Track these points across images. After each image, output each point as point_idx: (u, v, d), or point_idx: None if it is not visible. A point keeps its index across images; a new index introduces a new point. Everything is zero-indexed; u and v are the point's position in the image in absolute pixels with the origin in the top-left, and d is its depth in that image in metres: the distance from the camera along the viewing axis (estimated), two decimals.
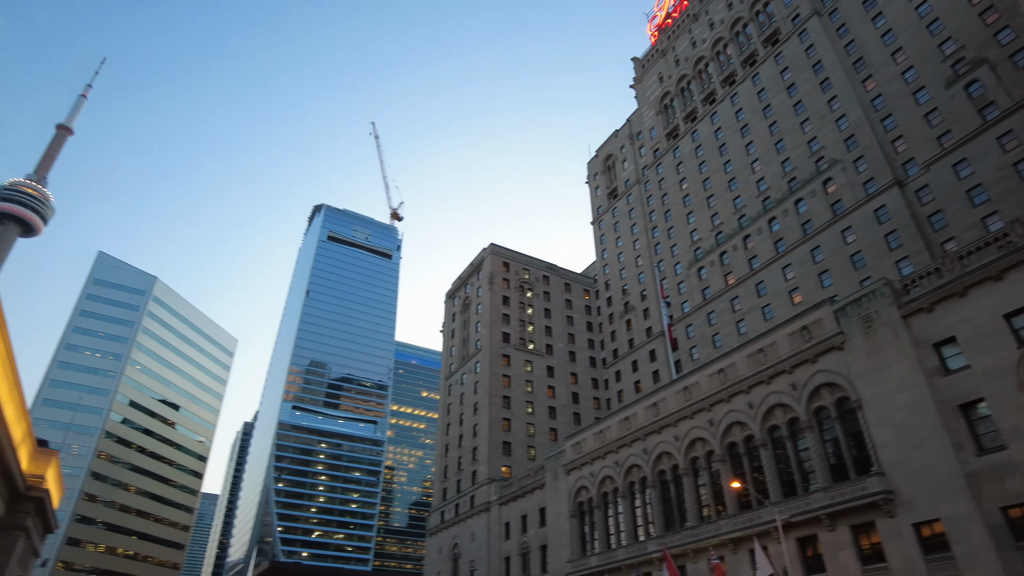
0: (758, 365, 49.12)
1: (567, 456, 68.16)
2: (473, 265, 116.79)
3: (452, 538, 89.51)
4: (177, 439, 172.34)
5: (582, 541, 63.33)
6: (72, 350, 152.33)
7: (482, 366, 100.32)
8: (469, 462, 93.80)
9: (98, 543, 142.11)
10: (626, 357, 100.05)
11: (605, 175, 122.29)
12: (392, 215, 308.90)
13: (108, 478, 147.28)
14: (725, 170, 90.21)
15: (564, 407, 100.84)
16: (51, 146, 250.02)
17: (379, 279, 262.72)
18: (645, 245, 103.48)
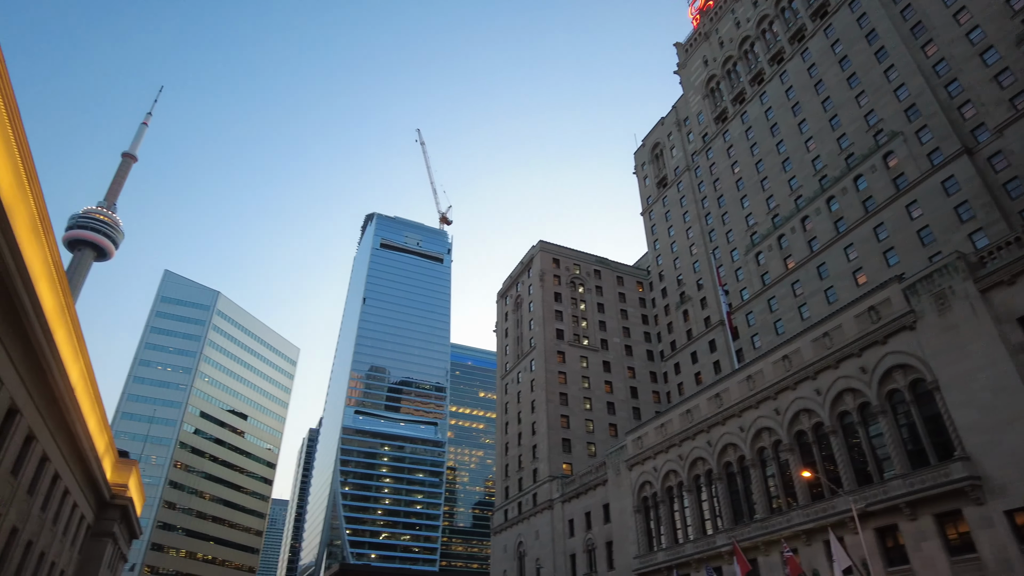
0: (824, 350, 47.13)
1: (629, 451, 67.14)
2: (523, 263, 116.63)
3: (516, 536, 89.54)
4: (246, 447, 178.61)
5: (648, 536, 62.23)
6: (146, 365, 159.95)
7: (537, 364, 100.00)
8: (529, 460, 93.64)
9: (179, 548, 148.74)
10: (684, 349, 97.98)
11: (653, 164, 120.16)
12: (441, 219, 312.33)
13: (185, 486, 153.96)
14: (778, 151, 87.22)
15: (623, 402, 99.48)
16: (118, 173, 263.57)
17: (432, 283, 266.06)
18: (699, 233, 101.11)
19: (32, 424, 32.22)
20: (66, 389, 34.01)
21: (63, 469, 39.51)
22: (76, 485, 44.26)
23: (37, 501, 35.55)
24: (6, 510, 31.11)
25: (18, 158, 23.55)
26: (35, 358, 29.72)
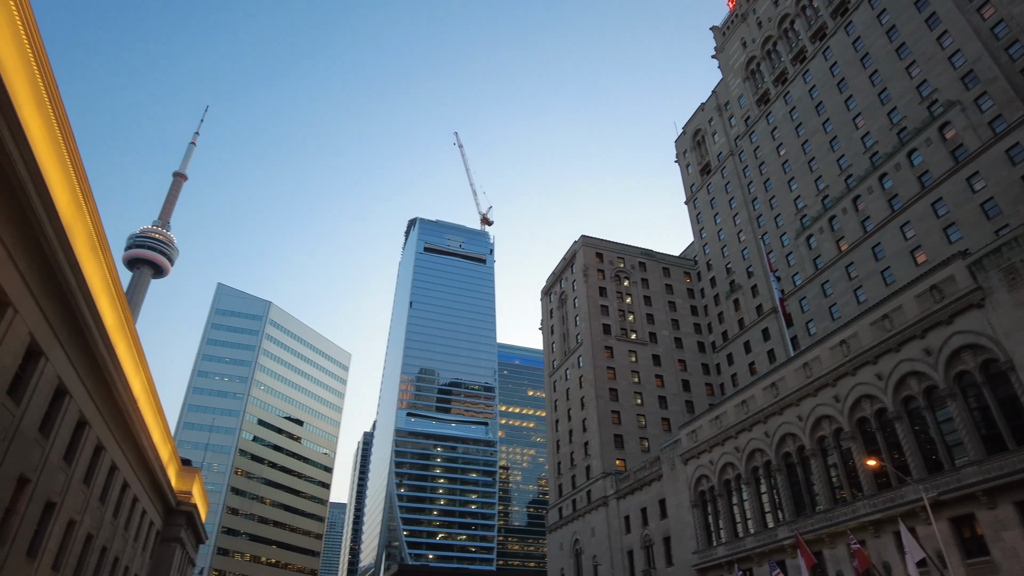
0: (884, 332, 45.11)
1: (683, 445, 65.86)
2: (565, 259, 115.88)
3: (572, 534, 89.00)
4: (304, 452, 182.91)
5: (707, 531, 60.89)
6: (204, 376, 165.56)
7: (584, 360, 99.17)
8: (581, 457, 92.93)
9: (243, 552, 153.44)
10: (737, 339, 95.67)
11: (695, 151, 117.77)
12: (482, 220, 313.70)
13: (246, 492, 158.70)
14: (825, 130, 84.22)
15: (675, 396, 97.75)
16: (170, 192, 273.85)
17: (476, 284, 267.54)
18: (746, 219, 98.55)
19: (100, 435, 33.52)
20: (129, 401, 35.27)
21: (131, 477, 41.04)
22: (144, 493, 45.94)
23: (109, 508, 37.00)
24: (81, 517, 32.47)
25: (74, 180, 24.42)
26: (99, 372, 30.90)
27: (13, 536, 25.10)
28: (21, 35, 19.52)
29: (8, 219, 20.30)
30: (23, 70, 19.78)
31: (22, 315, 22.56)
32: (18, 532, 25.46)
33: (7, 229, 20.47)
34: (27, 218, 21.08)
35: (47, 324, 24.68)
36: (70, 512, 30.86)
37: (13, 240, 20.98)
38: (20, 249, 21.51)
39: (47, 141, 21.66)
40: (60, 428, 27.61)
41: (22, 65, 19.69)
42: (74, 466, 30.13)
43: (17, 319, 22.28)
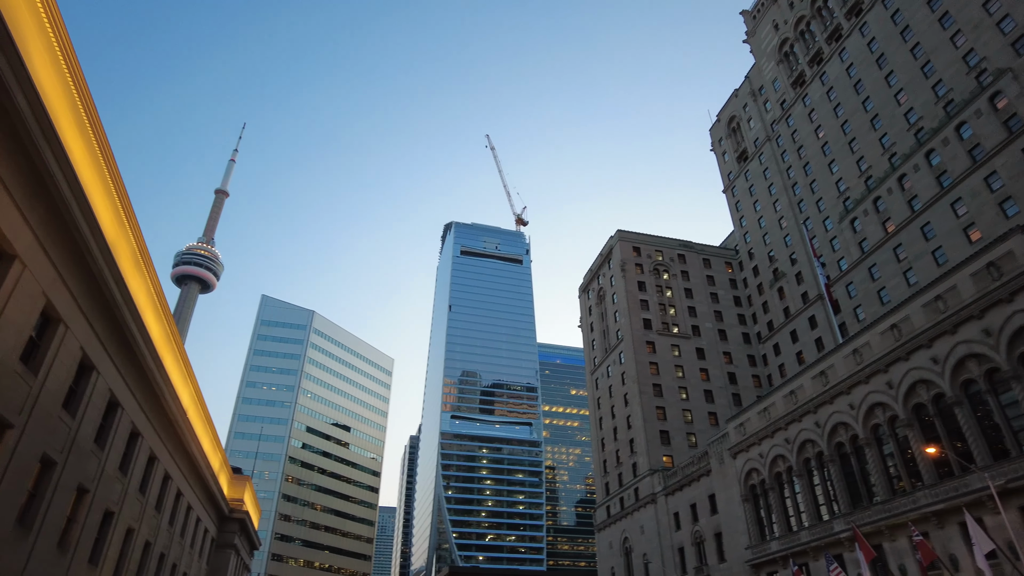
0: (937, 314, 43.23)
1: (731, 439, 64.45)
2: (602, 255, 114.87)
3: (621, 532, 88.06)
4: (352, 458, 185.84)
5: (759, 526, 59.41)
6: (252, 386, 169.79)
7: (626, 356, 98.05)
8: (627, 455, 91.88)
9: (297, 558, 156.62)
10: (783, 328, 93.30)
11: (731, 139, 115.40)
12: (517, 221, 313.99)
13: (297, 499, 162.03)
14: (865, 109, 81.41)
15: (721, 389, 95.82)
16: (213, 209, 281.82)
17: (513, 285, 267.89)
18: (787, 205, 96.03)
19: (153, 446, 34.52)
20: (179, 412, 36.24)
21: (184, 486, 42.19)
22: (197, 501, 47.20)
23: (164, 516, 38.08)
24: (138, 525, 33.49)
25: (116, 199, 25.15)
26: (149, 384, 31.82)
27: (75, 544, 26.00)
28: (60, 61, 20.16)
29: (56, 240, 21.01)
30: (64, 96, 20.44)
31: (73, 331, 23.33)
32: (80, 540, 26.35)
33: (55, 249, 21.19)
34: (73, 237, 21.78)
35: (97, 339, 25.49)
36: (128, 520, 31.85)
37: (62, 259, 21.71)
38: (68, 268, 22.25)
39: (89, 163, 22.35)
40: (114, 440, 28.49)
41: (63, 91, 20.34)
42: (129, 476, 31.07)
43: (68, 335, 23.05)
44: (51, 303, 21.44)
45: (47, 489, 23.04)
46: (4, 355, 19.06)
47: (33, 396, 21.06)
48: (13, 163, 18.20)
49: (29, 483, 21.95)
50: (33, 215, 19.57)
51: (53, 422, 22.62)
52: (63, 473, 23.84)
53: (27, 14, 18.07)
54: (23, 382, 20.45)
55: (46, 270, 20.90)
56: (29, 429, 21.05)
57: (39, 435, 21.75)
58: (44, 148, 18.63)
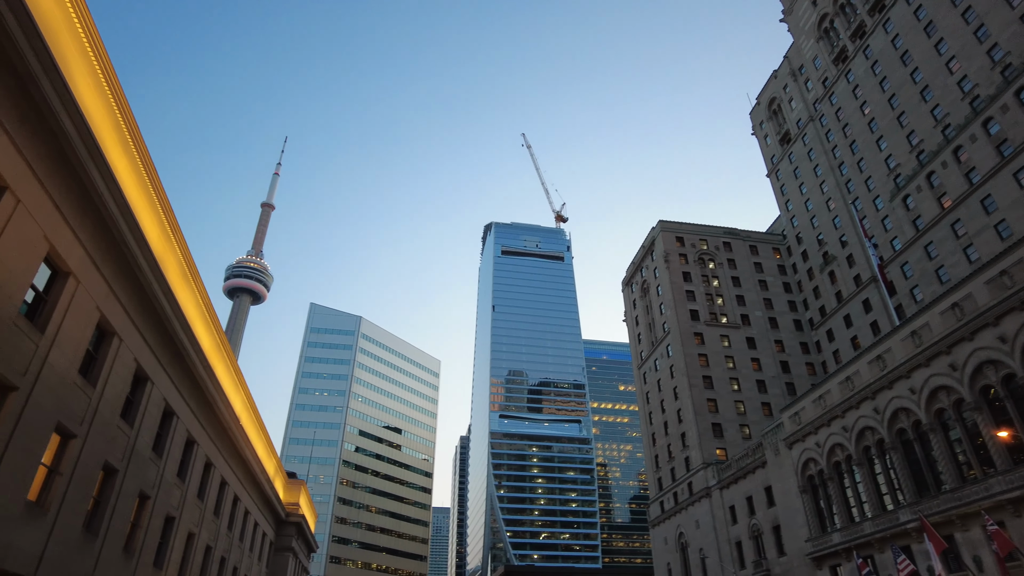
0: (1003, 291, 40.97)
1: (786, 429, 62.65)
2: (644, 247, 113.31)
3: (676, 527, 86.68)
4: (404, 460, 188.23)
5: (819, 517, 57.53)
6: (305, 392, 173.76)
7: (674, 348, 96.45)
8: (679, 449, 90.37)
9: (355, 560, 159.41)
10: (836, 313, 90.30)
11: (772, 121, 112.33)
12: (557, 218, 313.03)
13: (353, 501, 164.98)
14: (914, 80, 78.00)
15: (773, 379, 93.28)
16: (260, 222, 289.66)
17: (556, 282, 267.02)
18: (834, 186, 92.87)
19: (208, 453, 35.55)
20: (232, 419, 37.22)
21: (240, 491, 43.34)
22: (254, 506, 48.45)
23: (223, 521, 39.19)
24: (198, 530, 34.53)
25: (161, 214, 25.95)
26: (201, 393, 32.76)
27: (140, 549, 26.93)
28: (103, 84, 20.87)
29: (106, 255, 21.77)
30: (107, 117, 21.17)
31: (127, 344, 24.16)
32: (144, 545, 27.29)
33: (106, 265, 21.97)
34: (122, 252, 22.55)
35: (150, 351, 26.34)
36: (188, 525, 32.86)
37: (113, 274, 22.49)
38: (119, 283, 23.04)
39: (134, 181, 23.10)
40: (171, 447, 29.42)
41: (106, 113, 21.07)
42: (187, 482, 32.05)
43: (123, 347, 23.88)
44: (105, 317, 22.23)
45: (111, 496, 23.92)
46: (64, 368, 19.84)
47: (93, 407, 21.88)
48: (63, 183, 18.92)
49: (94, 490, 22.81)
50: (84, 232, 20.31)
51: (113, 431, 23.47)
52: (125, 480, 24.71)
53: (69, 39, 18.75)
54: (83, 394, 21.26)
55: (99, 285, 21.67)
56: (91, 438, 21.88)
57: (100, 444, 22.59)
58: (91, 168, 19.31)
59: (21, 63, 15.99)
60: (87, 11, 19.54)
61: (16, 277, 17.09)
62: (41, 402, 18.73)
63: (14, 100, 16.39)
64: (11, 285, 16.92)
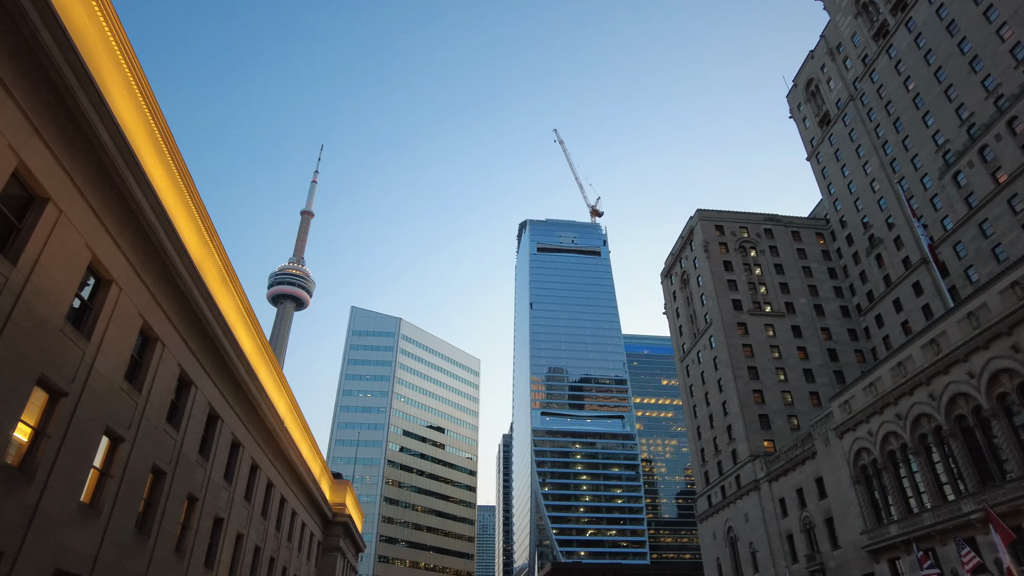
0: None
1: (835, 418, 60.72)
2: (683, 237, 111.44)
3: (725, 522, 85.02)
4: (448, 459, 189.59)
5: (874, 508, 55.54)
6: (349, 395, 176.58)
7: (717, 340, 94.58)
8: (725, 442, 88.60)
9: (403, 559, 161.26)
10: (884, 297, 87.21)
11: (810, 103, 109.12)
12: (592, 212, 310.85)
13: (399, 501, 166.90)
14: (961, 51, 74.62)
15: (821, 367, 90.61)
16: (301, 229, 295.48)
17: (593, 277, 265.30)
18: (878, 166, 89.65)
19: (254, 455, 36.19)
20: (276, 421, 37.82)
21: (287, 492, 44.07)
22: (301, 506, 49.24)
23: (270, 522, 39.88)
24: (247, 531, 35.20)
25: (199, 221, 26.43)
26: (245, 397, 33.34)
27: (191, 549, 27.54)
28: (137, 96, 21.32)
29: (146, 263, 22.25)
30: (143, 128, 21.63)
31: (170, 349, 24.69)
32: (194, 545, 27.90)
33: (147, 272, 22.45)
34: (162, 260, 23.01)
35: (193, 356, 26.88)
36: (237, 527, 33.51)
37: (153, 281, 22.98)
38: (160, 289, 23.53)
39: (171, 189, 23.57)
40: (217, 450, 30.01)
41: (142, 124, 21.53)
42: (234, 484, 32.67)
43: (166, 353, 24.40)
44: (147, 323, 22.73)
45: (160, 498, 24.48)
46: (110, 374, 20.33)
47: (139, 411, 22.40)
48: (102, 193, 19.36)
49: (144, 492, 23.37)
50: (124, 241, 20.77)
51: (159, 435, 24.00)
52: (173, 482, 25.27)
53: (103, 52, 19.17)
54: (129, 399, 21.77)
55: (140, 292, 22.16)
56: (139, 442, 22.41)
57: (148, 447, 23.12)
58: (128, 177, 19.71)
59: (57, 76, 16.36)
60: (120, 24, 19.94)
61: (61, 286, 17.54)
62: (90, 407, 19.23)
63: (52, 113, 16.80)
64: (56, 294, 17.37)
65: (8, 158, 15.45)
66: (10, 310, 15.57)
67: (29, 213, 16.65)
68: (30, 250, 16.27)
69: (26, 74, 15.76)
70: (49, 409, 17.76)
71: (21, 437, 16.81)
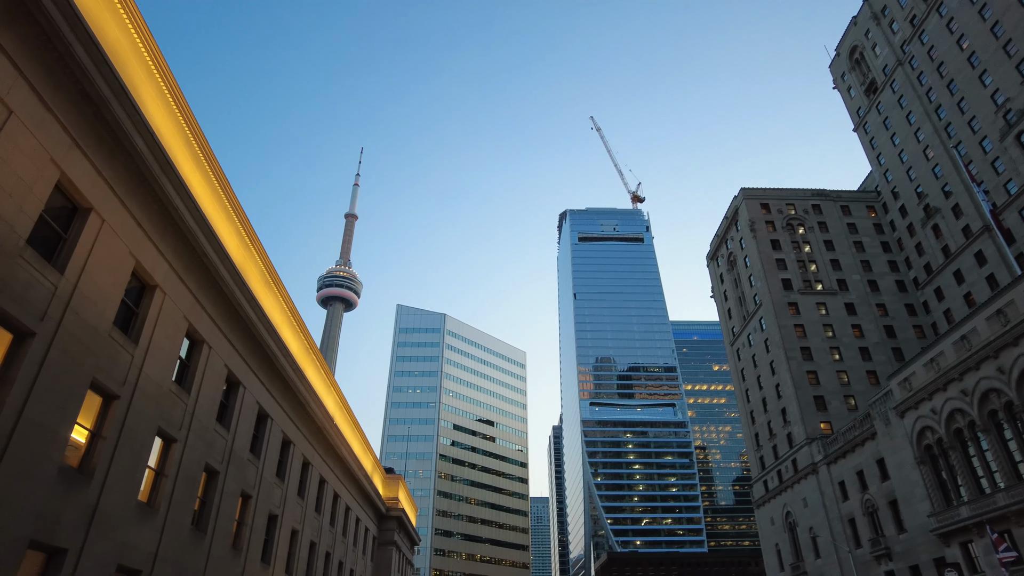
0: None
1: (896, 397, 58.34)
2: (728, 218, 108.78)
3: (783, 507, 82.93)
4: (499, 451, 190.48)
5: (942, 490, 53.16)
6: (399, 391, 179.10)
7: (767, 321, 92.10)
8: (780, 425, 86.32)
9: (459, 552, 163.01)
10: (944, 269, 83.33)
11: (855, 72, 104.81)
12: (633, 199, 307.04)
13: (452, 494, 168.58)
14: (1020, 2, 70.30)
15: (878, 345, 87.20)
16: (346, 232, 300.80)
17: (637, 264, 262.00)
18: (931, 132, 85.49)
19: (305, 452, 36.92)
20: (325, 419, 38.48)
21: (340, 488, 44.88)
22: (355, 502, 50.10)
23: (324, 518, 40.68)
24: (301, 527, 35.97)
25: (239, 225, 26.96)
26: (293, 395, 33.99)
27: (247, 545, 28.26)
28: (172, 104, 21.80)
29: (188, 267, 22.80)
30: (178, 135, 22.12)
31: (216, 351, 25.29)
32: (250, 542, 28.62)
33: (190, 276, 23.00)
34: (203, 264, 23.55)
35: (239, 357, 27.49)
36: (291, 523, 34.26)
37: (197, 285, 23.54)
38: (204, 293, 24.10)
39: (209, 194, 24.08)
40: (268, 448, 30.69)
41: (176, 131, 22.02)
42: (287, 481, 33.39)
43: (213, 355, 25.01)
44: (193, 326, 23.32)
45: (214, 495, 25.16)
46: (159, 376, 20.94)
47: (189, 412, 23.03)
48: (142, 201, 19.87)
49: (198, 491, 24.05)
50: (166, 246, 21.32)
51: (210, 435, 24.64)
52: (226, 481, 25.94)
53: (137, 65, 19.63)
54: (179, 400, 22.40)
55: (184, 296, 22.73)
56: (190, 442, 23.06)
57: (200, 447, 23.77)
58: (165, 184, 20.19)
59: (92, 90, 16.81)
60: (150, 34, 20.38)
61: (107, 293, 18.09)
62: (141, 409, 19.83)
63: (91, 125, 17.28)
64: (103, 300, 17.93)
65: (51, 171, 15.97)
66: (60, 317, 16.13)
67: (74, 223, 17.20)
68: (76, 259, 16.81)
69: (64, 89, 16.25)
70: (103, 412, 18.39)
71: (78, 439, 17.44)
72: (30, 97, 15.08)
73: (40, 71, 15.35)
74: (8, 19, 14.39)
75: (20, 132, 14.84)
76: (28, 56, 14.97)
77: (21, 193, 14.86)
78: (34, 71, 15.16)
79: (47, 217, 16.13)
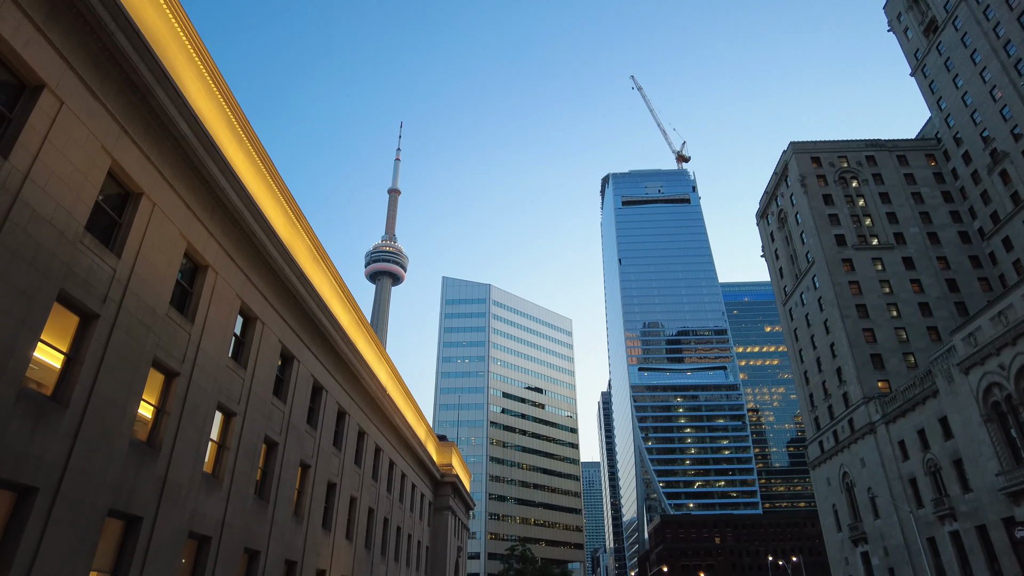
0: None
1: (959, 353, 56.04)
2: (777, 173, 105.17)
3: (839, 467, 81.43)
4: (549, 418, 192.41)
5: (1011, 448, 51.16)
6: (448, 361, 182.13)
7: (820, 279, 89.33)
8: (835, 385, 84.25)
9: (513, 516, 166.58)
10: (1013, 217, 78.92)
11: (912, 11, 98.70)
12: (678, 159, 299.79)
13: (504, 460, 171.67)
14: None
15: (939, 300, 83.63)
16: (390, 207, 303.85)
17: (684, 226, 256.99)
18: (999, 70, 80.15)
19: (360, 422, 38.01)
20: (378, 389, 39.44)
21: (395, 456, 46.18)
22: (410, 469, 51.53)
23: (381, 485, 42.01)
24: (359, 494, 37.25)
25: (284, 203, 27.48)
26: (346, 367, 34.88)
27: (308, 512, 29.47)
28: (212, 87, 22.17)
29: (238, 246, 23.43)
30: (220, 117, 22.53)
31: (269, 327, 26.07)
32: (311, 509, 29.83)
33: (239, 255, 23.64)
34: (252, 242, 24.16)
35: (292, 332, 28.29)
36: (349, 490, 35.51)
37: (247, 263, 24.20)
38: (254, 271, 24.78)
39: (253, 174, 24.56)
40: (324, 419, 31.71)
41: (219, 113, 22.43)
42: (343, 450, 34.52)
43: (266, 331, 25.80)
44: (245, 304, 24.05)
45: (275, 466, 26.22)
46: (216, 353, 21.74)
47: (247, 387, 23.91)
48: (190, 183, 20.42)
49: (259, 462, 25.10)
50: (215, 227, 21.93)
51: (268, 408, 25.57)
52: (285, 451, 26.98)
53: (177, 50, 19.97)
54: (236, 376, 23.26)
55: (236, 275, 23.41)
56: (249, 415, 23.98)
57: (258, 420, 24.71)
58: (211, 166, 20.66)
59: (137, 77, 17.20)
60: (187, 19, 20.67)
61: (162, 274, 18.78)
62: (201, 385, 20.69)
63: (137, 112, 17.75)
64: (159, 282, 18.63)
65: (103, 159, 16.51)
66: (120, 299, 16.84)
67: (127, 208, 17.82)
68: (131, 243, 17.46)
69: (110, 79, 16.68)
70: (166, 388, 19.26)
71: (145, 414, 18.35)
72: (79, 88, 15.54)
73: (87, 62, 15.78)
74: (54, 13, 14.79)
75: (72, 123, 15.34)
76: (74, 48, 15.39)
77: (78, 182, 15.43)
78: (81, 62, 15.59)
79: (102, 203, 16.75)
